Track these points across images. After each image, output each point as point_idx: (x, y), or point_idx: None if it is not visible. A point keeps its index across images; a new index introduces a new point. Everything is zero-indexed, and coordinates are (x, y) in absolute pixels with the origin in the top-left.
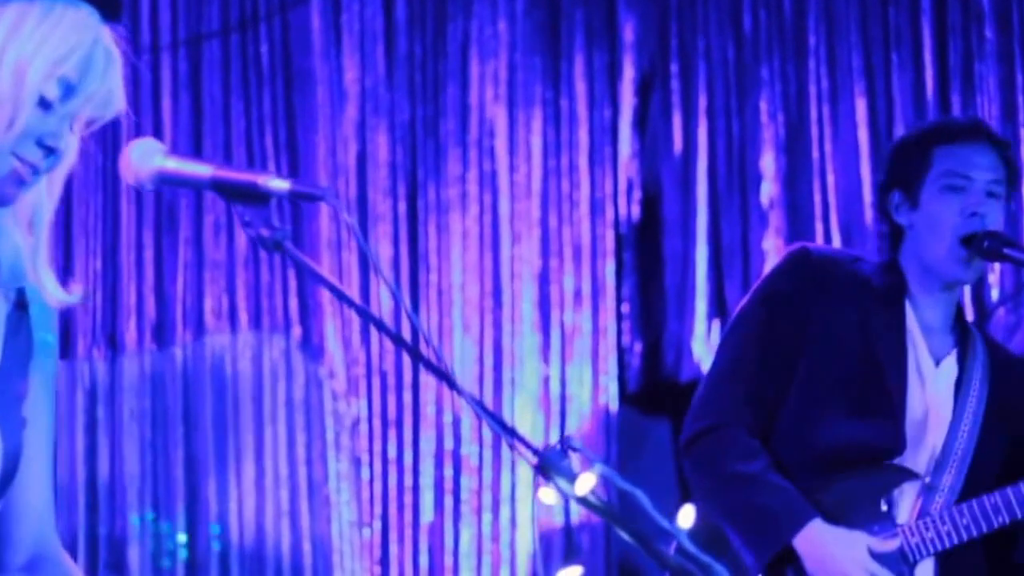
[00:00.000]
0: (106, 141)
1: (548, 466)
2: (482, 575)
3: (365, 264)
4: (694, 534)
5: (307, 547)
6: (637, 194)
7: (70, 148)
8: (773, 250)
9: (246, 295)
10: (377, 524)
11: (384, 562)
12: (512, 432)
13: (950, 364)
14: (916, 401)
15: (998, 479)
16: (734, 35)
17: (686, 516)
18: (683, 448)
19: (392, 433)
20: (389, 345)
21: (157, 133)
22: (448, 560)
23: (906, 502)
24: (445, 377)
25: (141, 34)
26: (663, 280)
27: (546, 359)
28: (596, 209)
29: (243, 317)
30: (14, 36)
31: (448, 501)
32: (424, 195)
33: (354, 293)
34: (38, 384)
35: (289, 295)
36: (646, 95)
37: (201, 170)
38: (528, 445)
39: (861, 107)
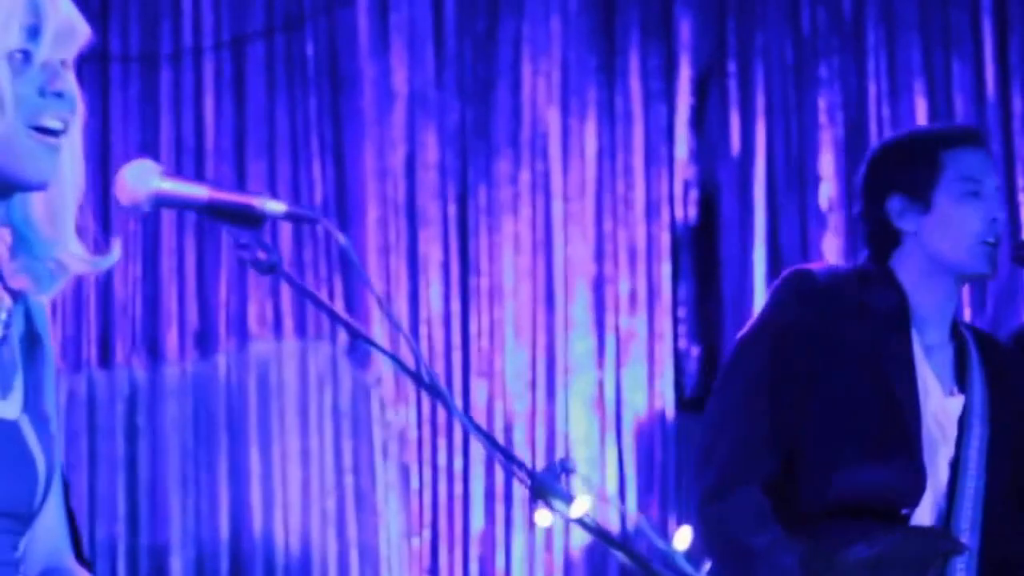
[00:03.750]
0: (144, 142)
1: (543, 488)
2: None
3: (415, 269)
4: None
5: (354, 557)
6: (694, 195)
7: (76, 93)
8: (833, 252)
9: (291, 301)
10: (426, 533)
11: (434, 572)
12: (508, 454)
13: (956, 396)
14: (926, 435)
15: (1014, 520)
16: (792, 33)
17: (683, 538)
18: (696, 508)
19: (441, 441)
20: (438, 350)
21: (199, 136)
22: (500, 570)
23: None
24: (440, 397)
25: (183, 35)
26: (720, 283)
27: (601, 364)
28: (652, 211)
29: (288, 324)
30: None
31: (499, 509)
32: (475, 198)
33: (403, 296)
34: (51, 399)
35: (335, 300)
36: (703, 94)
37: (197, 192)
38: (523, 467)
39: (921, 106)
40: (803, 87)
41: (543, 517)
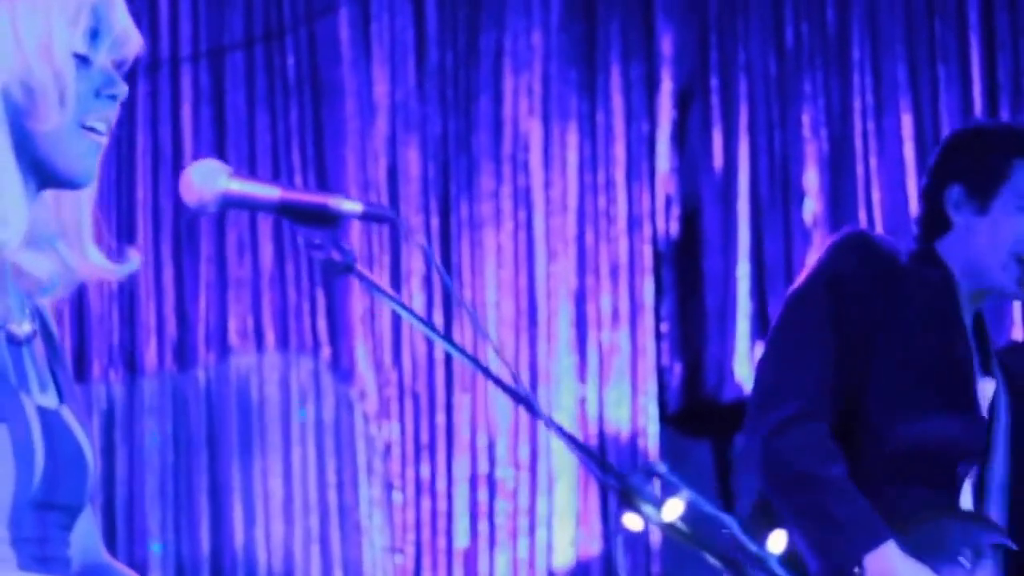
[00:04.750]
0: (120, 155)
1: (632, 492)
2: None
3: (396, 279)
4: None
5: (338, 574)
6: (676, 210)
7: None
8: None
9: (272, 314)
10: (410, 550)
11: None
12: (594, 456)
13: (988, 378)
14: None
15: None
16: (776, 48)
17: (777, 541)
18: (764, 439)
19: (425, 457)
20: (420, 365)
21: (176, 148)
22: None
23: (979, 558)
24: (525, 401)
25: (160, 44)
26: (703, 299)
27: (583, 379)
28: (634, 226)
29: (270, 337)
30: (22, 16)
31: (483, 526)
32: (456, 211)
33: (385, 309)
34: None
35: (318, 314)
36: (685, 109)
37: (269, 192)
38: (610, 469)
39: (907, 122)
40: (787, 102)
41: (633, 521)
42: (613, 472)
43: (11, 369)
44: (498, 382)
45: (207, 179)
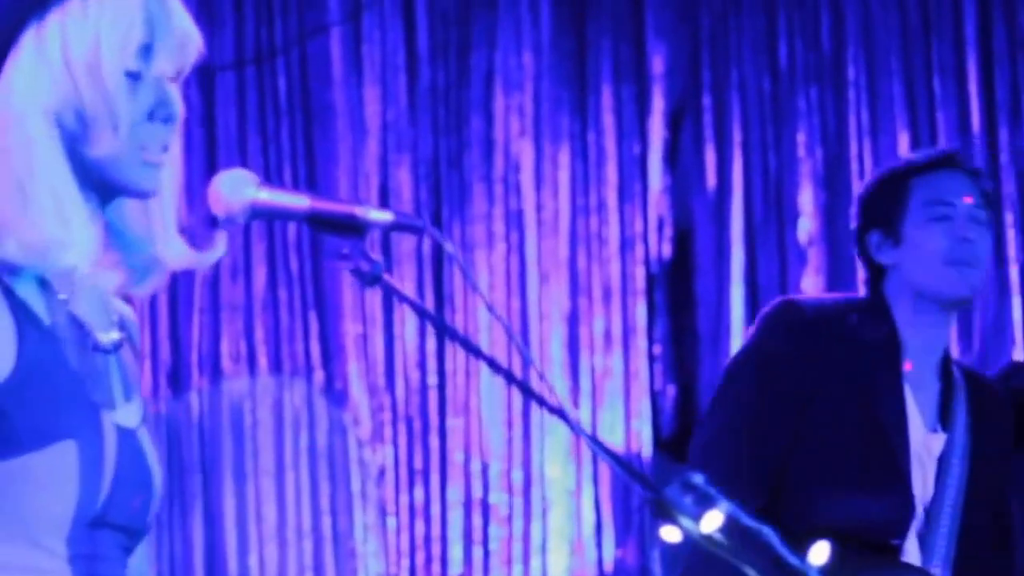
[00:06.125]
0: None
1: (669, 504)
2: None
3: (388, 299)
4: None
5: None
6: (668, 231)
7: (179, 110)
8: (812, 289)
9: (265, 338)
10: None
11: None
12: (631, 469)
13: (938, 433)
14: (914, 469)
15: (987, 559)
16: (769, 65)
17: (819, 553)
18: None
19: (419, 481)
20: (413, 388)
21: None
22: None
23: None
24: (559, 413)
25: None
26: (696, 321)
27: (576, 403)
28: (626, 247)
29: (262, 361)
30: (73, 36)
31: (477, 552)
32: (448, 233)
33: (378, 334)
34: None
35: (311, 338)
36: (677, 128)
37: (297, 202)
38: (646, 482)
39: (904, 141)
40: (781, 121)
41: (670, 533)
42: (650, 484)
43: (95, 381)
44: (534, 396)
45: (235, 189)
